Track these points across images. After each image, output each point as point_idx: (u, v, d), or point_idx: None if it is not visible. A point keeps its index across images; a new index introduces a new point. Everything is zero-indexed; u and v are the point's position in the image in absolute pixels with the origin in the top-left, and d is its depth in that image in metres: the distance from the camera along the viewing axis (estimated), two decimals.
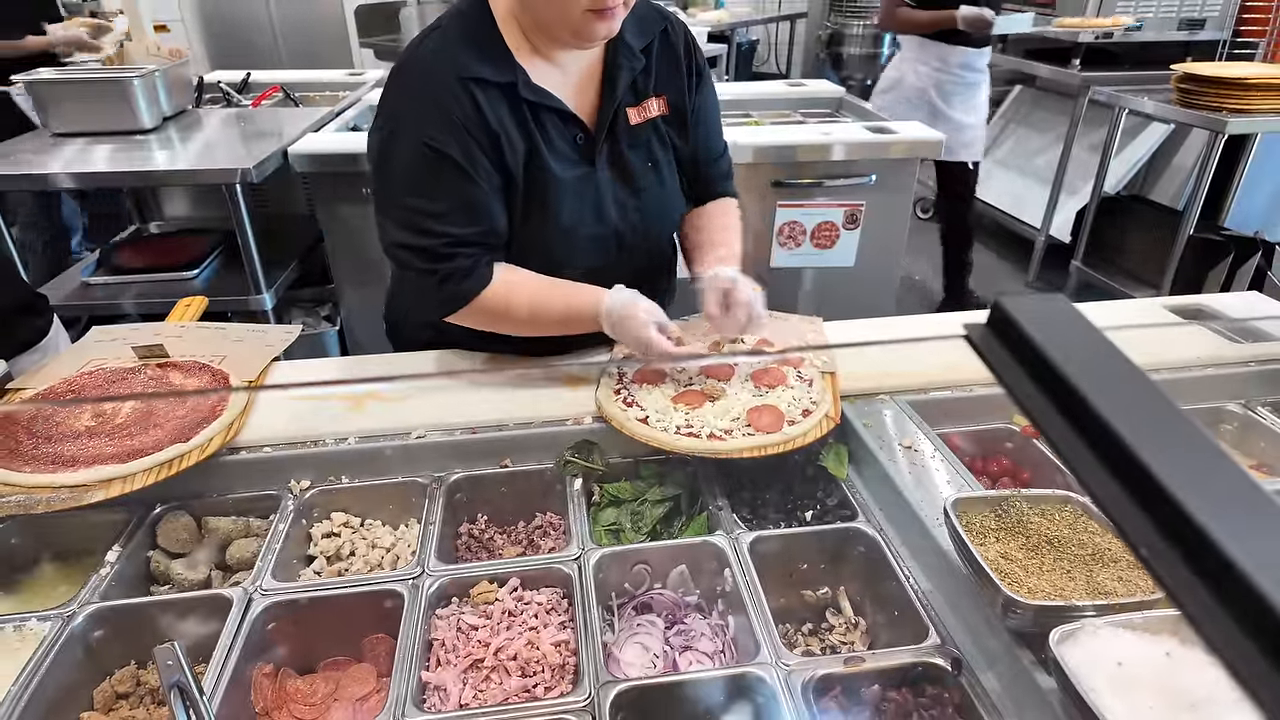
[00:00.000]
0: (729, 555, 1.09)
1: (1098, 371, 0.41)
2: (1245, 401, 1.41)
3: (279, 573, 1.08)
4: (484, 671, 0.95)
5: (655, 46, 1.35)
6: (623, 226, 1.38)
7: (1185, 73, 3.39)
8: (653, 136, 1.38)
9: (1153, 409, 0.41)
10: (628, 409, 1.27)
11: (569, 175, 1.30)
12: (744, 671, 0.90)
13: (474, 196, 1.23)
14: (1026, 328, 0.42)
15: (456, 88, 1.20)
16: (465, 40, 1.23)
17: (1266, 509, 0.34)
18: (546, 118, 1.27)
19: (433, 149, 1.19)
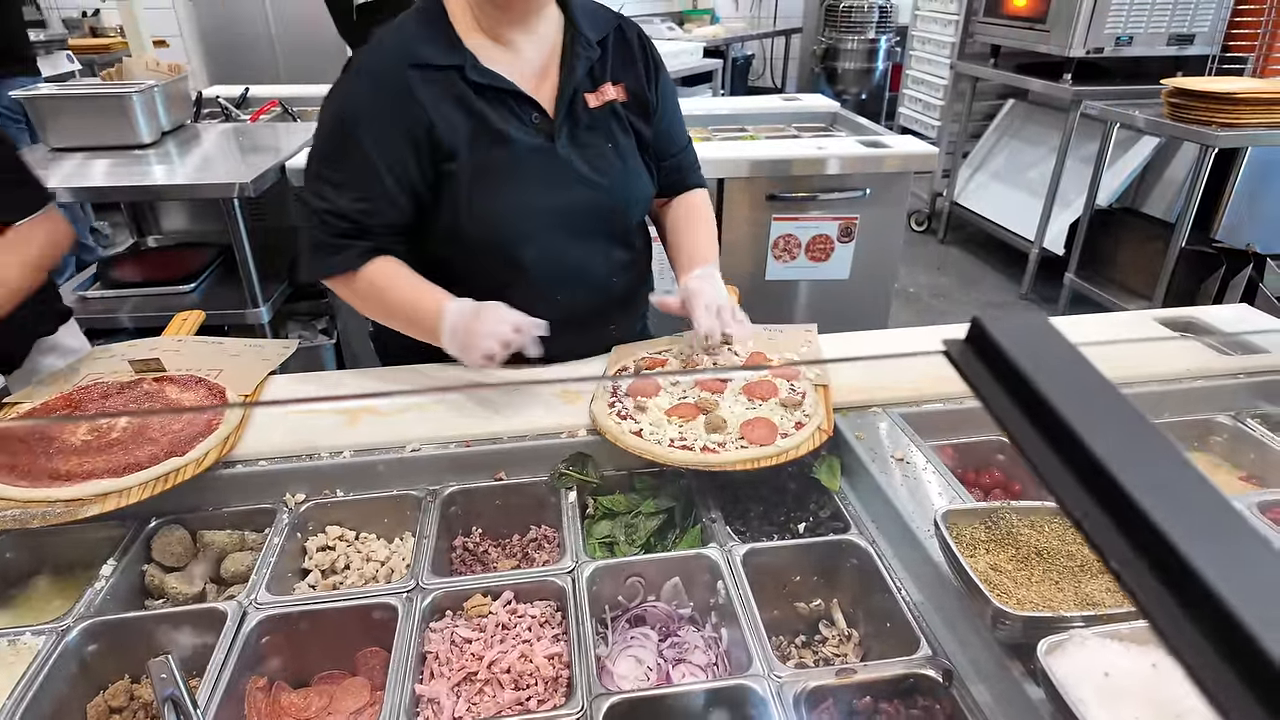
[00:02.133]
0: (722, 568, 1.09)
1: (1073, 388, 0.42)
2: (1235, 413, 1.42)
3: (274, 586, 1.08)
4: (477, 684, 0.95)
5: (610, 40, 1.44)
6: (585, 202, 1.42)
7: (1175, 87, 3.43)
8: (612, 120, 1.44)
9: (1127, 425, 0.41)
10: (622, 422, 1.28)
11: (524, 150, 1.35)
12: (736, 684, 0.91)
13: (371, 179, 1.30)
14: (1004, 345, 0.43)
15: (397, 73, 1.28)
16: (418, 29, 1.32)
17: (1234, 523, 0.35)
18: (498, 98, 1.33)
19: (348, 123, 1.29)
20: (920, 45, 5.61)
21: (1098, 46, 4.05)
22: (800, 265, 3.13)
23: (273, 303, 2.81)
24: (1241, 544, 0.34)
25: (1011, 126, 5.19)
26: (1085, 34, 4.03)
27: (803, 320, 1.65)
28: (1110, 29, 4.03)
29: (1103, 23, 4.01)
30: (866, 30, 6.83)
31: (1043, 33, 4.25)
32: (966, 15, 4.96)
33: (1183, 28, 4.07)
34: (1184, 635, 0.33)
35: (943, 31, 5.28)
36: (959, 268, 5.14)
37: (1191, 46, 4.10)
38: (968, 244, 5.43)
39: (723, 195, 2.88)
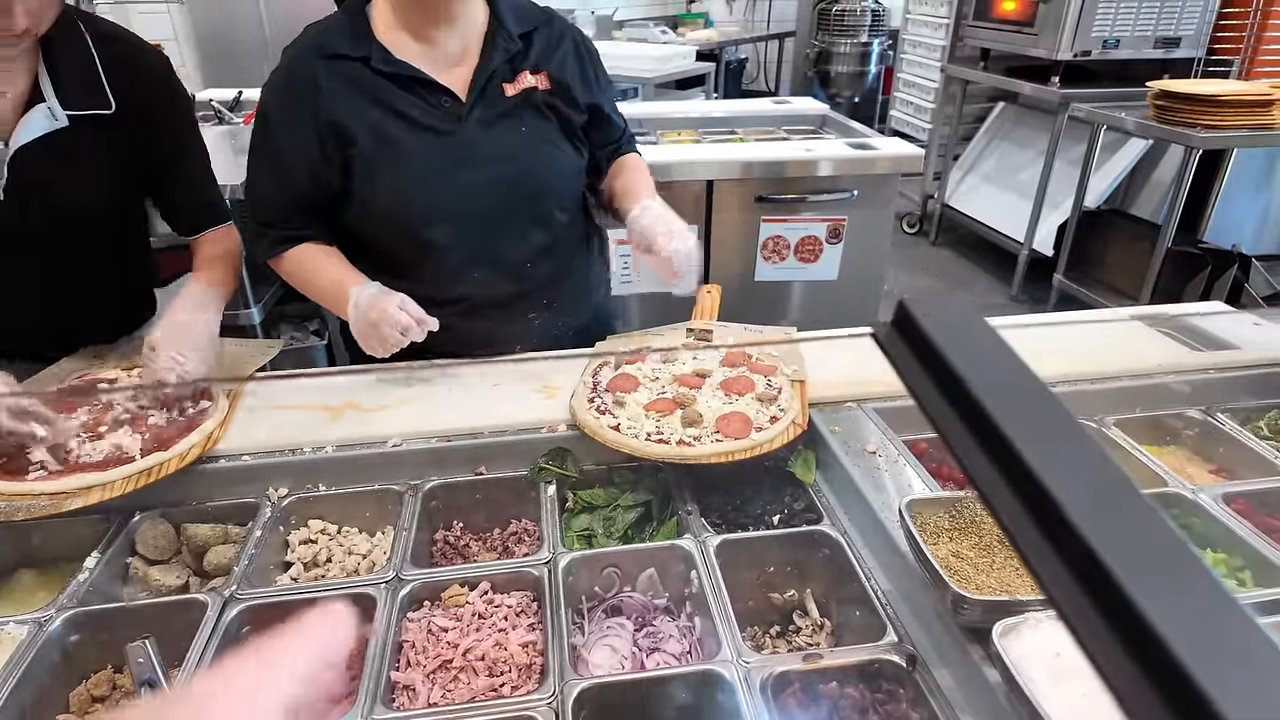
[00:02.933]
0: (696, 558, 1.11)
1: (990, 372, 0.44)
2: (1206, 408, 1.45)
3: (255, 578, 1.10)
4: (452, 671, 0.97)
5: (536, 33, 1.50)
6: (494, 182, 1.45)
7: (1161, 90, 3.46)
8: (530, 106, 1.48)
9: (1042, 411, 0.43)
10: (600, 417, 1.30)
11: (427, 132, 1.41)
12: (705, 669, 0.93)
13: (282, 167, 1.41)
14: (927, 329, 0.45)
15: (307, 65, 1.38)
16: (336, 23, 1.42)
17: (1135, 505, 0.37)
18: (407, 86, 1.40)
19: (264, 115, 1.42)
20: (911, 49, 5.65)
21: (1085, 50, 4.09)
22: (789, 266, 3.16)
23: (264, 304, 2.83)
24: (1143, 529, 0.35)
25: (1002, 129, 5.23)
26: (1073, 37, 4.07)
27: (791, 321, 1.68)
28: (1097, 32, 4.07)
29: (1090, 26, 4.05)
30: (859, 34, 6.87)
31: (1031, 36, 4.29)
32: (956, 19, 5.00)
33: (1169, 31, 4.10)
34: (1085, 617, 0.34)
35: (933, 35, 5.32)
36: (950, 270, 5.17)
37: (1178, 49, 4.13)
38: (959, 246, 5.46)
39: (712, 197, 2.90)
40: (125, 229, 1.53)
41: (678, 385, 1.37)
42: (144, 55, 1.41)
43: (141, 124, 1.38)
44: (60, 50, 1.30)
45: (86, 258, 1.45)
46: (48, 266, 1.40)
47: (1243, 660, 0.28)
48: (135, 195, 1.49)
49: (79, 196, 1.35)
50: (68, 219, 1.37)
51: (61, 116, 1.30)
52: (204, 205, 1.56)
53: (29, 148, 1.29)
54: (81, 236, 1.41)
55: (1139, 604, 0.31)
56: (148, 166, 1.44)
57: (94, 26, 1.35)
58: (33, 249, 1.36)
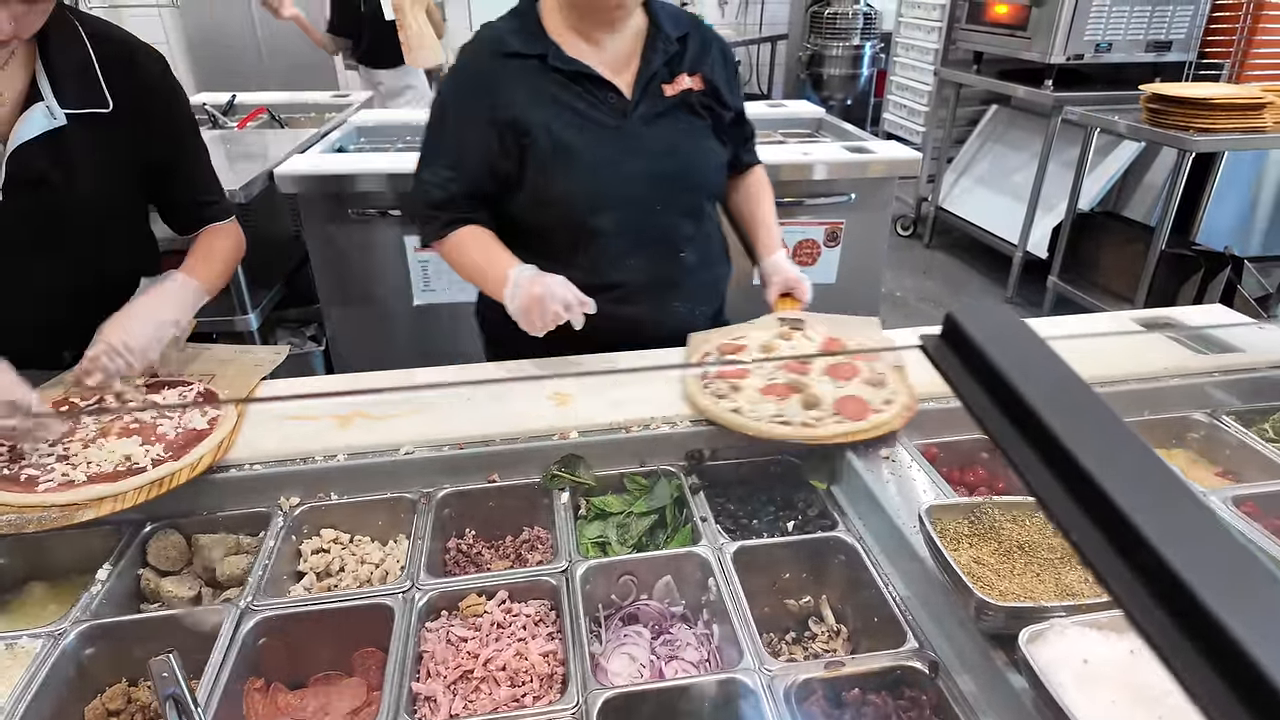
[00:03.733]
0: (713, 565, 1.11)
1: (1044, 383, 0.44)
2: (1211, 411, 1.46)
3: (269, 589, 1.09)
4: (474, 682, 0.96)
5: (689, 39, 1.59)
6: (655, 174, 1.55)
7: (1154, 93, 3.49)
8: (686, 106, 1.58)
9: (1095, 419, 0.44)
10: (720, 400, 1.33)
11: (598, 126, 1.51)
12: (728, 678, 0.93)
13: (458, 156, 1.51)
14: (977, 339, 0.46)
15: (486, 61, 1.49)
16: (510, 24, 1.52)
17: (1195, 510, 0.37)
18: (578, 82, 1.49)
19: (443, 108, 1.53)
20: (904, 52, 5.68)
21: (1078, 53, 4.12)
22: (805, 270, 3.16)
23: (261, 309, 2.81)
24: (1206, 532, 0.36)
25: (995, 132, 5.26)
26: (1065, 41, 4.10)
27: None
28: (1090, 36, 4.10)
29: (1082, 30, 4.08)
30: (851, 37, 6.90)
31: (1024, 40, 4.32)
32: (949, 22, 5.02)
33: (1160, 35, 4.14)
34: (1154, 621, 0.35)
35: (926, 38, 5.35)
36: (945, 272, 5.19)
37: (1169, 53, 4.17)
38: (953, 248, 5.49)
39: None
40: (128, 230, 1.51)
41: (787, 372, 1.39)
42: (140, 54, 1.40)
43: (139, 123, 1.37)
44: (57, 49, 1.29)
45: (88, 258, 1.43)
46: (48, 267, 1.38)
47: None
48: (135, 194, 1.47)
49: (77, 195, 1.34)
50: (67, 218, 1.35)
51: (60, 115, 1.29)
52: (204, 204, 1.55)
53: (27, 146, 1.27)
54: (81, 236, 1.39)
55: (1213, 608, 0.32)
56: (147, 165, 1.42)
57: (90, 25, 1.34)
58: (33, 249, 1.35)
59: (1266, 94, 3.29)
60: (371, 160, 2.93)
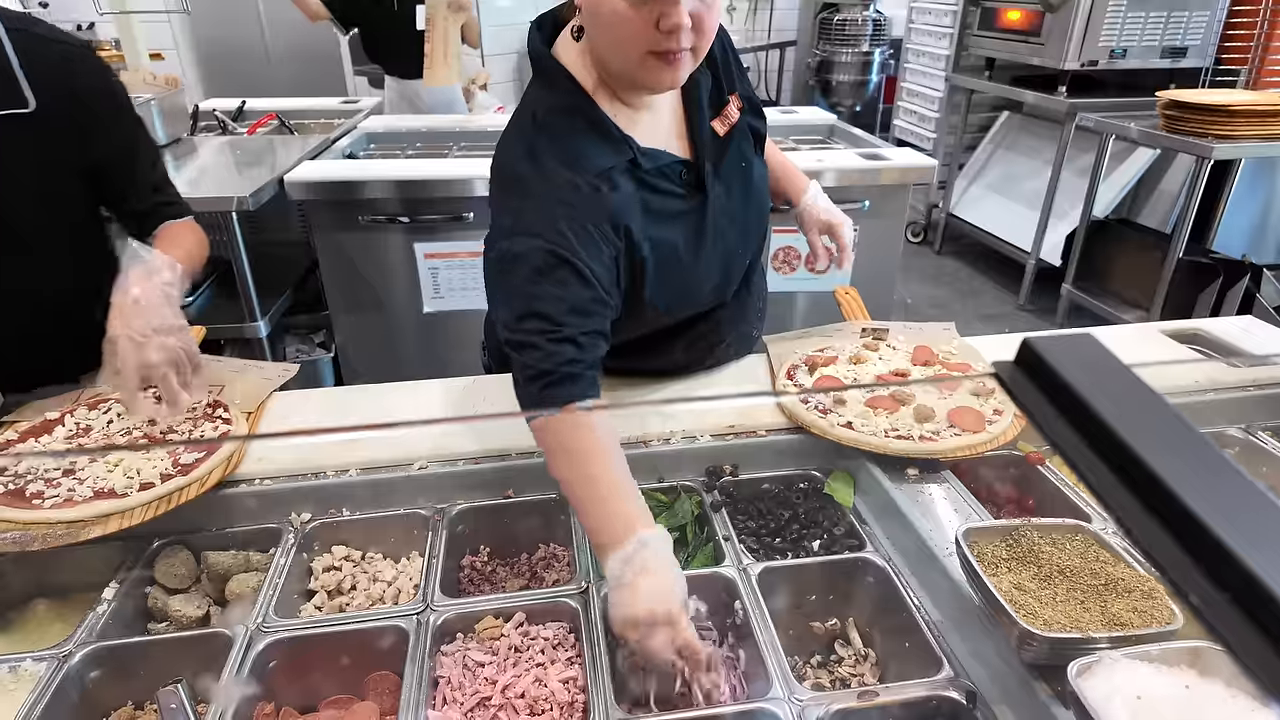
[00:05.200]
0: (739, 586, 1.08)
1: (1127, 406, 0.41)
2: (1246, 426, 1.42)
3: (280, 608, 1.06)
4: (491, 710, 0.93)
5: (715, 51, 1.28)
6: (740, 237, 1.34)
7: (1170, 99, 3.45)
8: (740, 139, 1.33)
9: (1181, 441, 0.41)
10: (825, 415, 1.29)
11: (688, 218, 1.25)
12: (757, 708, 0.89)
13: (590, 299, 1.11)
14: (1054, 365, 0.42)
15: (584, 188, 1.12)
16: (575, 131, 1.15)
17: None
18: (659, 176, 1.21)
19: (555, 255, 1.08)
20: (915, 58, 5.65)
21: (1092, 59, 4.08)
22: (800, 277, 3.14)
23: (270, 316, 2.79)
24: None
25: (1006, 138, 5.22)
26: (1080, 47, 4.06)
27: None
28: (1104, 42, 4.06)
29: (1097, 36, 4.04)
30: (860, 43, 6.86)
31: (1037, 45, 4.28)
32: (961, 28, 4.99)
33: (1176, 40, 4.10)
34: (1252, 648, 0.32)
35: (937, 44, 5.31)
36: (956, 278, 5.15)
37: (1185, 59, 4.13)
38: (964, 255, 5.45)
39: None
40: (70, 235, 1.44)
41: (884, 383, 1.38)
42: (76, 56, 1.35)
43: (76, 125, 1.33)
44: None
45: (31, 275, 1.39)
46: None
47: None
48: (77, 198, 1.42)
49: (5, 199, 1.30)
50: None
51: None
52: (159, 205, 1.49)
53: None
54: (19, 249, 1.35)
55: None
56: (87, 168, 1.38)
57: (16, 24, 1.29)
58: None
59: None
60: (381, 167, 2.91)
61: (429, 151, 3.34)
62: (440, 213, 2.76)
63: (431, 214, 2.76)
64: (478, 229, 2.73)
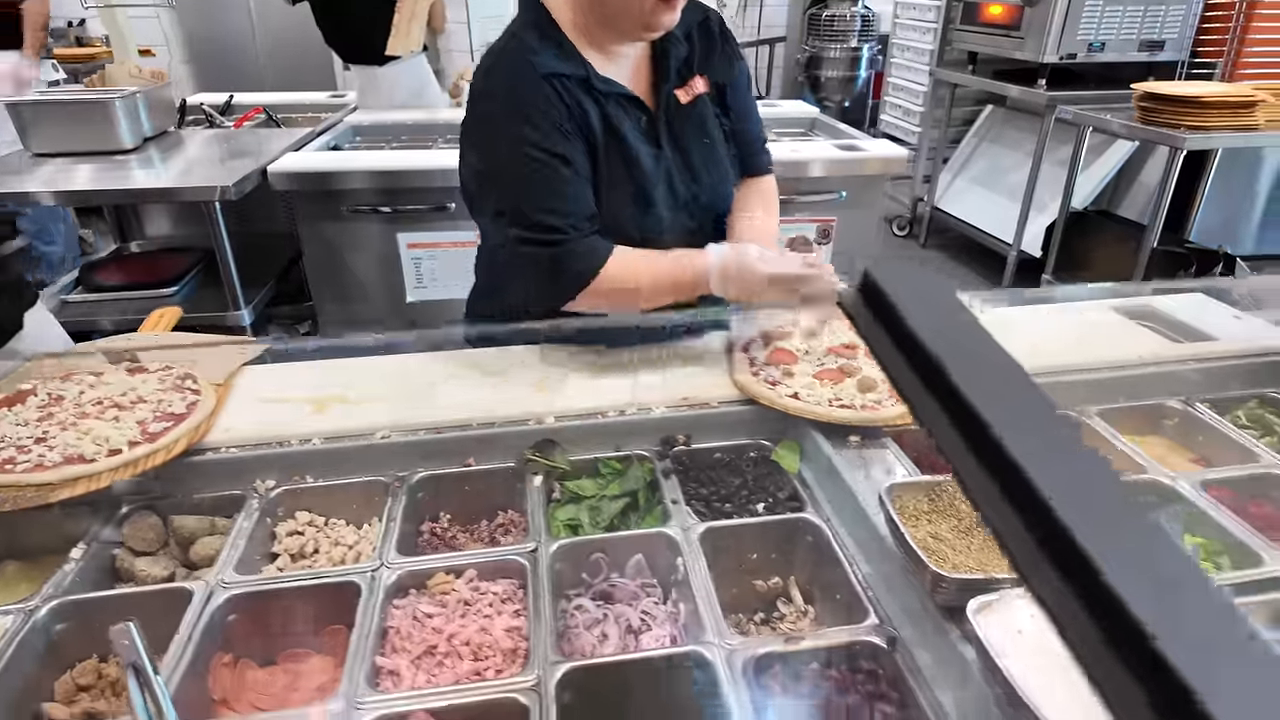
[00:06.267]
0: (681, 545, 1.12)
1: (953, 340, 0.44)
2: (1186, 398, 1.47)
3: (241, 568, 1.10)
4: (437, 657, 0.97)
5: (695, 33, 1.46)
6: (688, 202, 1.46)
7: (1146, 92, 3.50)
8: (702, 115, 1.46)
9: (1006, 380, 0.43)
10: (774, 387, 1.34)
11: (642, 156, 1.39)
12: (687, 651, 0.94)
13: (578, 188, 1.34)
14: (890, 294, 0.46)
15: (543, 86, 1.30)
16: (539, 43, 1.34)
17: (1105, 480, 0.36)
18: (616, 105, 1.37)
19: (538, 150, 1.30)
20: (900, 53, 5.70)
21: (1071, 52, 4.13)
22: None
23: (254, 305, 2.83)
24: (1112, 506, 0.35)
25: (990, 132, 5.27)
26: (1058, 40, 4.11)
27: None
28: (1083, 35, 4.11)
29: (1075, 29, 4.09)
30: (849, 39, 6.90)
31: (1018, 40, 4.33)
32: (944, 23, 5.04)
33: (1153, 34, 4.15)
34: (1054, 592, 0.33)
35: (922, 39, 5.36)
36: (940, 271, 5.20)
37: (1162, 52, 4.18)
38: (948, 248, 5.50)
39: None
40: None
41: (833, 355, 1.42)
42: None
43: None
44: None
45: None
46: None
47: (1219, 641, 0.27)
48: None
49: None
50: None
51: None
52: None
53: None
54: None
55: (1112, 583, 0.31)
56: None
57: None
58: None
59: (1258, 92, 3.30)
60: (365, 158, 2.95)
61: (414, 143, 3.39)
62: (423, 203, 2.80)
63: (414, 204, 2.80)
64: (461, 219, 2.77)
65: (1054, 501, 0.32)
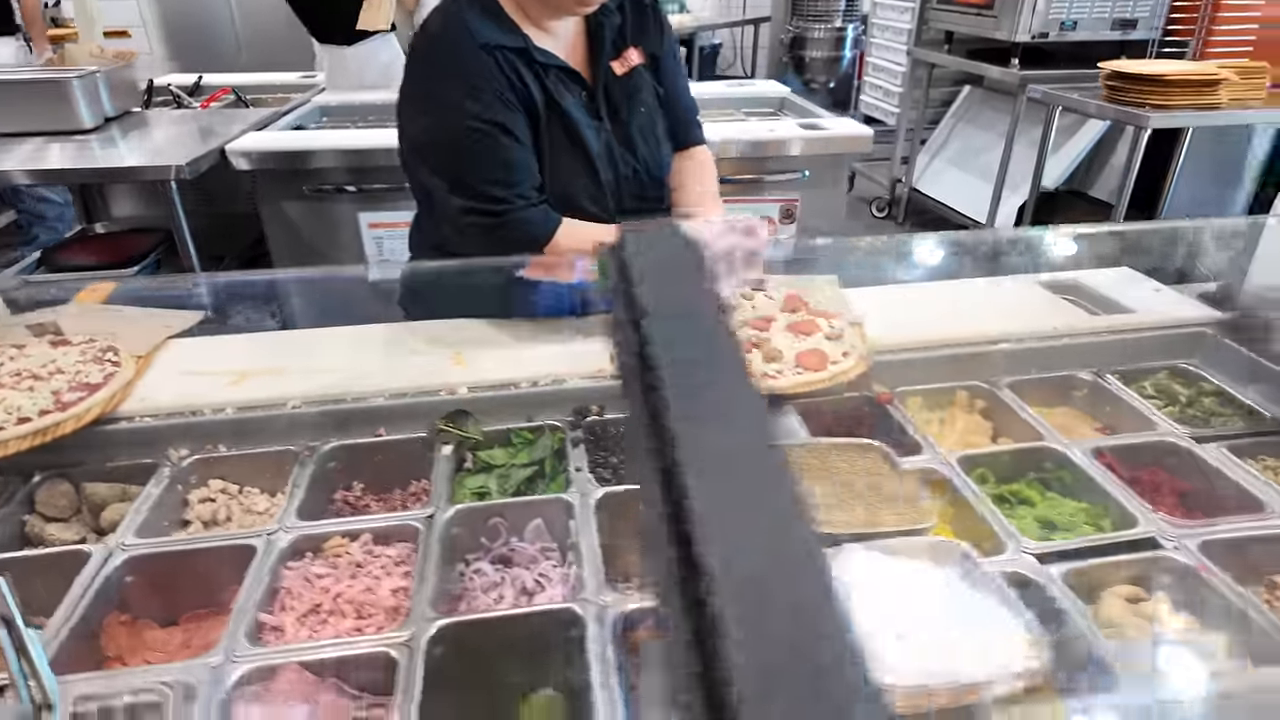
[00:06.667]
0: (576, 510, 1.15)
1: (671, 300, 0.44)
2: (1097, 370, 1.49)
3: (147, 533, 1.13)
4: (322, 615, 1.00)
5: (627, 4, 1.49)
6: (626, 173, 1.49)
7: (1112, 70, 3.49)
8: (638, 85, 1.49)
9: (704, 343, 0.42)
10: None
11: (584, 129, 1.41)
12: (558, 608, 0.97)
13: (520, 156, 1.36)
14: (628, 252, 0.48)
15: (483, 57, 1.32)
16: (478, 15, 1.35)
17: (751, 454, 0.35)
18: (556, 78, 1.39)
19: (478, 120, 1.32)
20: (880, 33, 5.67)
21: (1043, 31, 4.12)
22: None
23: None
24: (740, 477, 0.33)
25: (968, 113, 5.26)
26: (1030, 19, 4.10)
27: None
28: (1055, 14, 4.10)
29: (1048, 8, 4.08)
30: (833, 19, 6.88)
31: (991, 18, 4.31)
32: (922, 3, 5.02)
33: (1126, 13, 4.13)
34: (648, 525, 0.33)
35: (899, 19, 5.34)
36: None
37: (1134, 31, 4.16)
38: (925, 228, 5.50)
39: None
40: None
41: (748, 328, 1.43)
42: None
43: None
44: None
45: None
46: None
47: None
48: None
49: None
50: None
51: None
52: None
53: None
54: None
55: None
56: None
57: None
58: None
59: (1222, 71, 3.30)
60: (324, 137, 2.96)
61: (379, 123, 3.39)
62: (384, 183, 2.80)
63: (376, 184, 2.81)
64: None
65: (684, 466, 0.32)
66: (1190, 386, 1.46)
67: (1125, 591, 1.03)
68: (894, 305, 1.65)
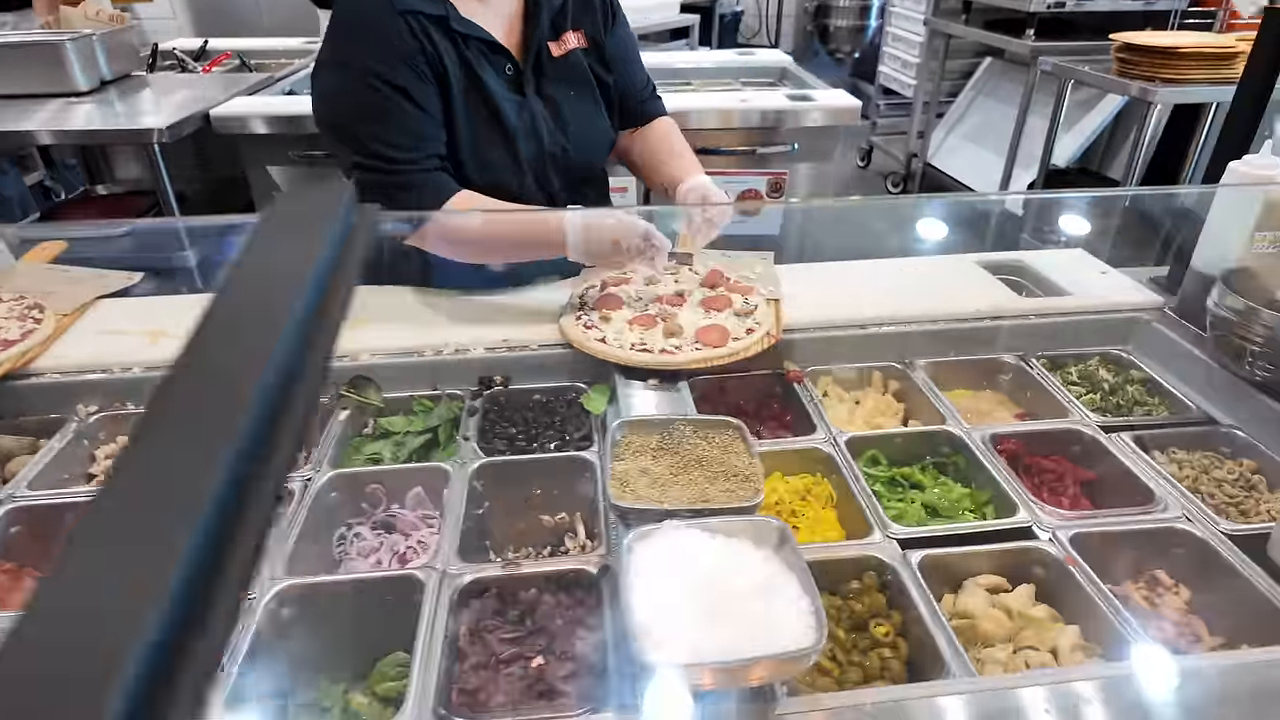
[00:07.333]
0: (454, 478, 1.16)
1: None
2: (1022, 354, 1.45)
3: (44, 486, 1.17)
4: None
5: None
6: (555, 152, 1.49)
7: (1123, 42, 3.34)
8: (574, 69, 1.50)
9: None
10: (587, 331, 1.37)
11: (504, 102, 1.42)
12: (403, 574, 0.98)
13: (421, 123, 1.35)
14: (272, 214, 0.46)
15: (396, 20, 1.32)
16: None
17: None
18: (478, 50, 1.39)
19: (380, 81, 1.32)
20: (899, 2, 5.49)
21: (1059, 1, 3.95)
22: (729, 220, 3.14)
23: (200, 248, 2.90)
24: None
25: (987, 85, 5.09)
26: None
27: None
28: None
29: None
30: None
31: None
32: None
33: None
34: None
35: None
36: None
37: (1158, 2, 3.97)
38: None
39: None
40: None
41: (661, 304, 1.44)
42: None
43: None
44: None
45: None
46: None
47: None
48: None
49: None
50: None
51: None
52: None
53: None
54: None
55: None
56: None
57: None
58: None
59: (1240, 43, 3.13)
60: None
61: None
62: None
63: None
64: None
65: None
66: (1119, 374, 1.41)
67: (987, 582, 1.01)
68: (827, 282, 1.62)
